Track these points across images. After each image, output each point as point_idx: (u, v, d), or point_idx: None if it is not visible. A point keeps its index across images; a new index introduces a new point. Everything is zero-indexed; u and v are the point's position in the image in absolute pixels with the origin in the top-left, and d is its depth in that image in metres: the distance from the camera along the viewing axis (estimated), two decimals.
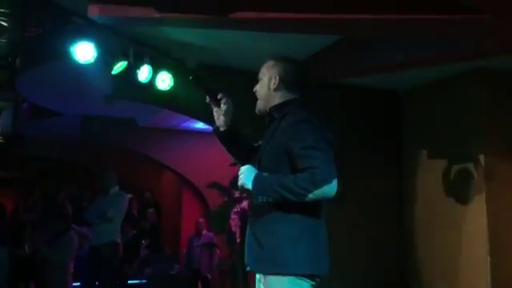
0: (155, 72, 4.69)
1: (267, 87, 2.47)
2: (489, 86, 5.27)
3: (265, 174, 2.29)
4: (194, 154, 8.64)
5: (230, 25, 3.76)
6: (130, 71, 4.58)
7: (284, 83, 2.44)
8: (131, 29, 4.46)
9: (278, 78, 2.43)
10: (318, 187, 2.13)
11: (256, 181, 2.26)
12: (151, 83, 4.74)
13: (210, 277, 8.12)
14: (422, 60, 4.41)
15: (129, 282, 8.06)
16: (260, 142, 2.54)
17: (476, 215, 5.08)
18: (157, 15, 3.57)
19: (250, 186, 2.27)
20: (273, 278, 2.28)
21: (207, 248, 8.12)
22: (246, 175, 2.30)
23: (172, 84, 4.83)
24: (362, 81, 5.66)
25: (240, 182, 2.33)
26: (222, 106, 2.51)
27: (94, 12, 3.93)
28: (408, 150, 6.01)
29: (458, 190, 5.31)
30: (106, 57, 4.40)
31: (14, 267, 6.63)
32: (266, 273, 2.32)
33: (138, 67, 4.60)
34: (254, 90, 2.53)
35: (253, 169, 2.32)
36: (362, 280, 5.54)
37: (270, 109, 2.46)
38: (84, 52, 4.22)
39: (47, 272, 6.17)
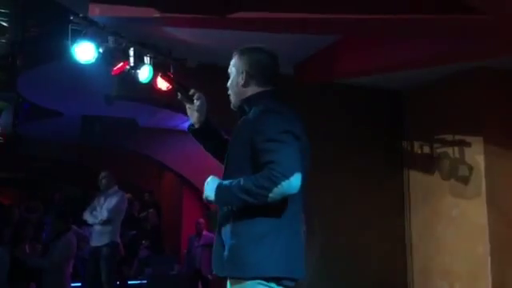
0: (156, 72, 4.69)
1: (236, 83, 2.35)
2: (489, 86, 5.27)
3: (226, 182, 2.16)
4: (194, 155, 8.59)
5: (230, 25, 3.76)
6: (131, 71, 4.58)
7: (252, 77, 2.31)
8: (132, 29, 4.46)
9: (244, 72, 2.31)
10: (276, 184, 1.98)
11: (218, 192, 2.14)
12: (151, 83, 4.73)
13: (210, 277, 8.10)
14: (424, 60, 4.41)
15: (129, 282, 8.06)
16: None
17: (477, 214, 5.08)
18: (157, 15, 3.57)
19: (212, 197, 2.16)
20: (234, 282, 2.15)
21: (208, 248, 8.10)
22: (209, 187, 2.18)
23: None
24: (364, 80, 5.66)
25: (204, 195, 2.22)
26: (194, 102, 2.44)
27: (94, 12, 3.93)
28: (409, 149, 6.01)
29: (459, 189, 5.31)
30: (107, 57, 4.39)
31: (15, 267, 6.62)
32: (228, 276, 2.19)
33: (139, 67, 4.59)
34: (227, 85, 2.42)
35: (216, 180, 2.20)
36: (362, 278, 5.54)
37: (241, 102, 2.35)
38: (84, 52, 4.22)
39: (45, 273, 6.16)
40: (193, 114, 2.48)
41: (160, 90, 4.81)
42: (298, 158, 2.07)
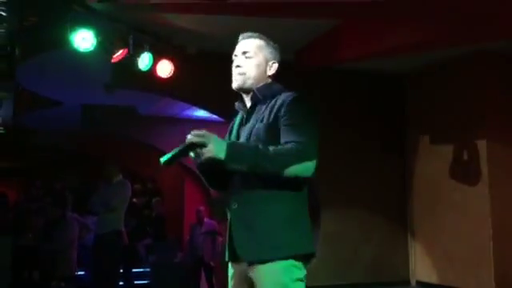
0: (155, 60, 4.66)
1: (263, 70, 2.31)
2: (492, 71, 5.24)
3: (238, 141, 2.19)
4: None
5: (231, 10, 3.72)
6: (130, 59, 4.55)
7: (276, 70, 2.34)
8: (131, 16, 4.42)
9: (277, 65, 2.33)
10: (300, 161, 2.00)
11: (229, 147, 2.00)
12: (151, 71, 4.70)
13: (212, 264, 8.14)
14: (425, 43, 4.36)
15: (133, 270, 8.10)
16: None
17: (479, 200, 5.08)
18: (156, 1, 3.53)
19: (222, 154, 1.98)
20: (267, 266, 2.08)
21: (209, 236, 8.12)
22: (217, 144, 2.00)
23: (172, 72, 4.79)
24: (365, 66, 5.63)
25: (207, 153, 1.99)
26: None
27: None
28: (411, 135, 5.99)
29: (462, 175, 5.30)
30: (106, 45, 4.35)
31: (18, 256, 6.67)
32: (261, 258, 2.10)
33: (138, 55, 4.56)
34: (237, 64, 2.31)
35: (220, 139, 2.04)
36: (364, 262, 5.56)
37: (256, 90, 2.30)
38: (83, 40, 4.18)
39: (50, 260, 6.22)
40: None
41: (160, 77, 4.79)
42: (317, 145, 2.11)
